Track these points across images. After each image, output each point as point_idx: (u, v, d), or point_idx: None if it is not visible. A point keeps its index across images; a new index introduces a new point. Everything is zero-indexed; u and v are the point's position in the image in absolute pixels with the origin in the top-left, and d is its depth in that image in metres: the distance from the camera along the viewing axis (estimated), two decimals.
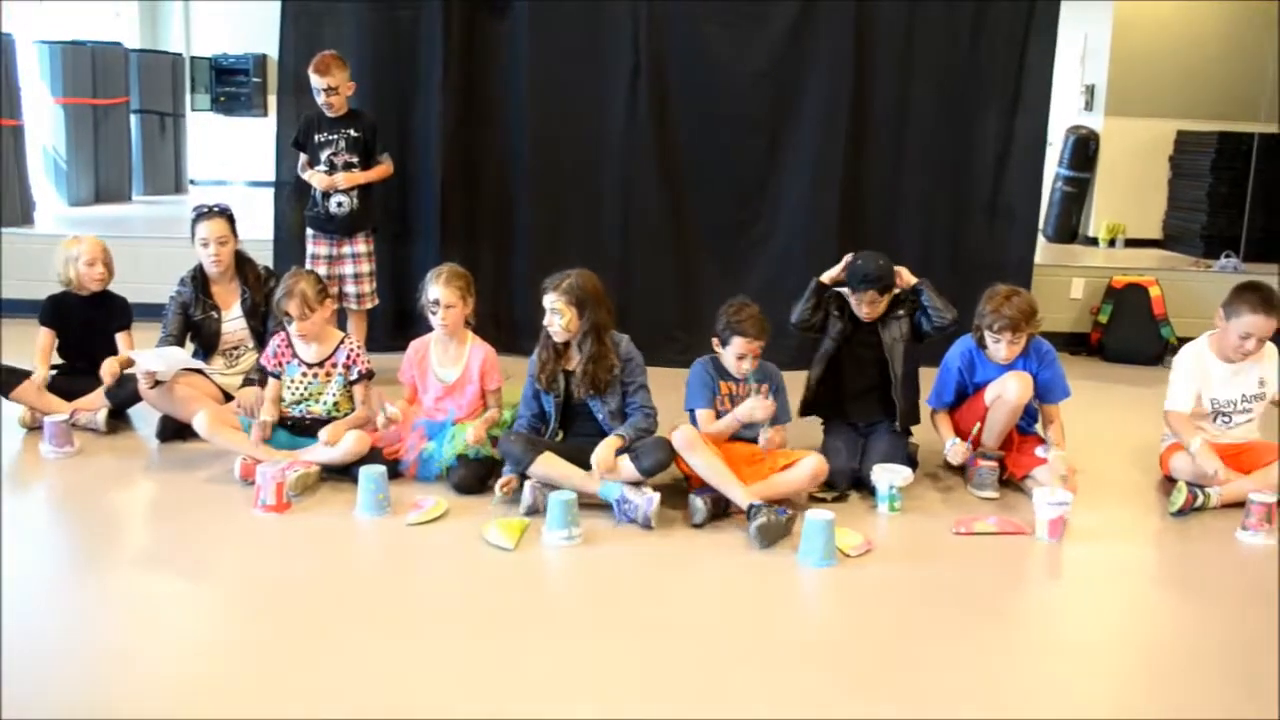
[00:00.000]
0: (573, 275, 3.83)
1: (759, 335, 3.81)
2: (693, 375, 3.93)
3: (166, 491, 3.90)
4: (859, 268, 4.10)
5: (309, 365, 4.11)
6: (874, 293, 4.09)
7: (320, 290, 4.07)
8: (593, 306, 3.80)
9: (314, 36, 5.52)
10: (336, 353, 4.12)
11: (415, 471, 3.97)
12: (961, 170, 5.91)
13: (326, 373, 4.11)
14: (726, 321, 3.83)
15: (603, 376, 3.82)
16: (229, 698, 2.52)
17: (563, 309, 3.78)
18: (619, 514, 3.64)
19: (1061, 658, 2.89)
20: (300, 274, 4.10)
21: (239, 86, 10.99)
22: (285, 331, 4.11)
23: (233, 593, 3.12)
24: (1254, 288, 4.04)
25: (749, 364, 3.84)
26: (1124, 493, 4.17)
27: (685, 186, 5.88)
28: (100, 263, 4.53)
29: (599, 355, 3.82)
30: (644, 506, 3.59)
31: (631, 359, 3.89)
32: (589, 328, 3.81)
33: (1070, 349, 6.43)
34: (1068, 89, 8.03)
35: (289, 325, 4.04)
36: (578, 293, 3.79)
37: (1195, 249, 7.60)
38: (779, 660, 2.80)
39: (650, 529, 3.56)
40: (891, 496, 3.82)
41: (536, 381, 3.93)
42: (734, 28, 5.72)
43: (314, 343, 4.10)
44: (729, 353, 3.85)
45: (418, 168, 5.76)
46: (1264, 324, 3.96)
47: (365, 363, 4.14)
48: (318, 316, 4.04)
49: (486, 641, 2.83)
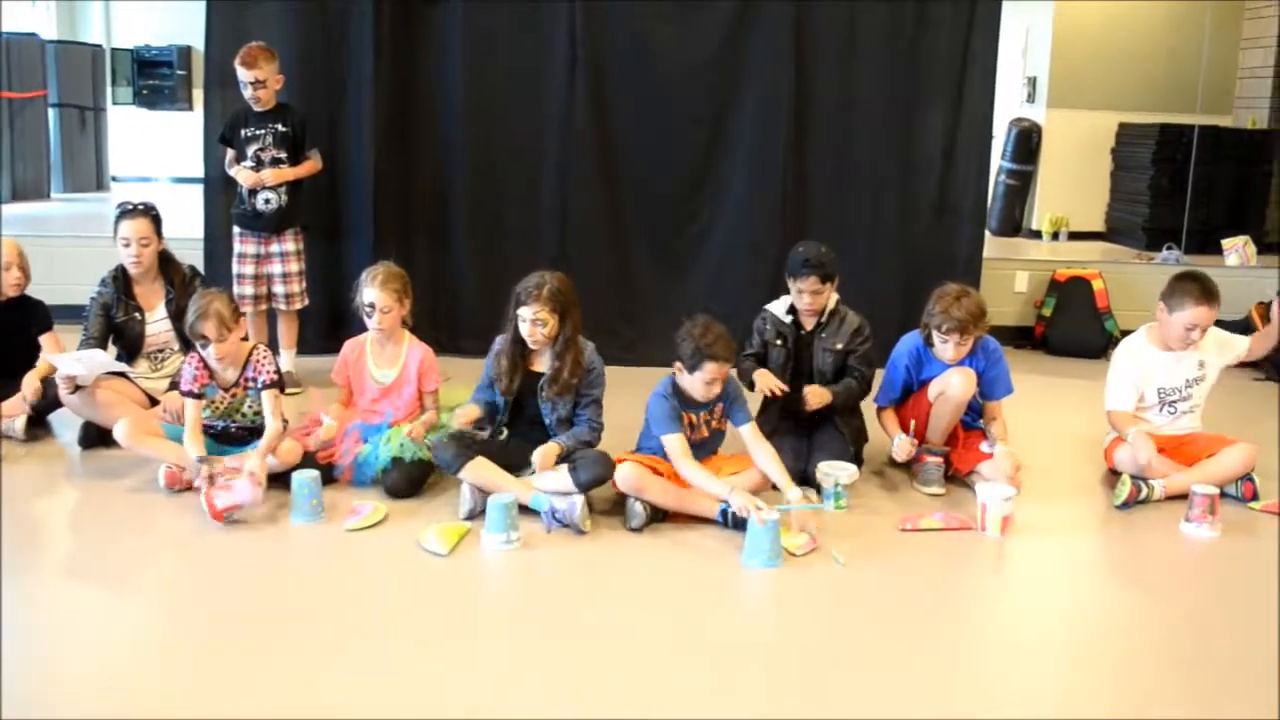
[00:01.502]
0: (549, 280, 3.72)
1: (729, 357, 3.64)
2: (654, 407, 3.70)
3: (89, 500, 3.79)
4: (800, 254, 4.06)
5: (227, 388, 3.94)
6: (815, 279, 4.02)
7: (234, 310, 3.87)
8: (572, 311, 3.72)
9: (241, 27, 5.38)
10: (246, 367, 3.94)
11: (350, 476, 3.87)
12: (907, 164, 5.88)
13: (244, 388, 3.95)
14: (695, 346, 3.57)
15: (573, 382, 3.74)
16: (156, 709, 2.47)
17: (546, 318, 3.69)
18: (548, 521, 3.54)
19: (1008, 653, 2.89)
20: (213, 294, 3.88)
21: (162, 79, 10.72)
22: (199, 354, 3.89)
23: (160, 603, 3.04)
24: (1193, 278, 4.06)
25: (718, 388, 3.68)
26: (1068, 487, 4.17)
27: (625, 179, 5.83)
28: (15, 267, 4.35)
29: (573, 361, 3.73)
30: (570, 511, 3.51)
31: (594, 368, 3.81)
32: (570, 333, 3.73)
33: (1014, 343, 6.45)
34: (1010, 81, 8.06)
35: (204, 349, 3.84)
36: (560, 299, 3.70)
37: (1138, 241, 7.67)
38: (726, 661, 2.77)
39: (583, 534, 3.50)
40: (837, 494, 3.78)
41: (497, 385, 3.83)
42: (673, 19, 5.68)
43: (231, 365, 3.91)
44: (697, 379, 3.61)
45: (349, 163, 5.65)
46: (1207, 314, 4.00)
47: (270, 372, 3.92)
48: (234, 336, 3.85)
49: (424, 648, 2.78)
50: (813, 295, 4.06)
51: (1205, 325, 4.02)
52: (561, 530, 3.53)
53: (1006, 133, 8.22)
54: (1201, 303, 3.97)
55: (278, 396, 3.90)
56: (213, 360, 3.86)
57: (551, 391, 3.76)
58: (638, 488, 3.56)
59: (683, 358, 3.62)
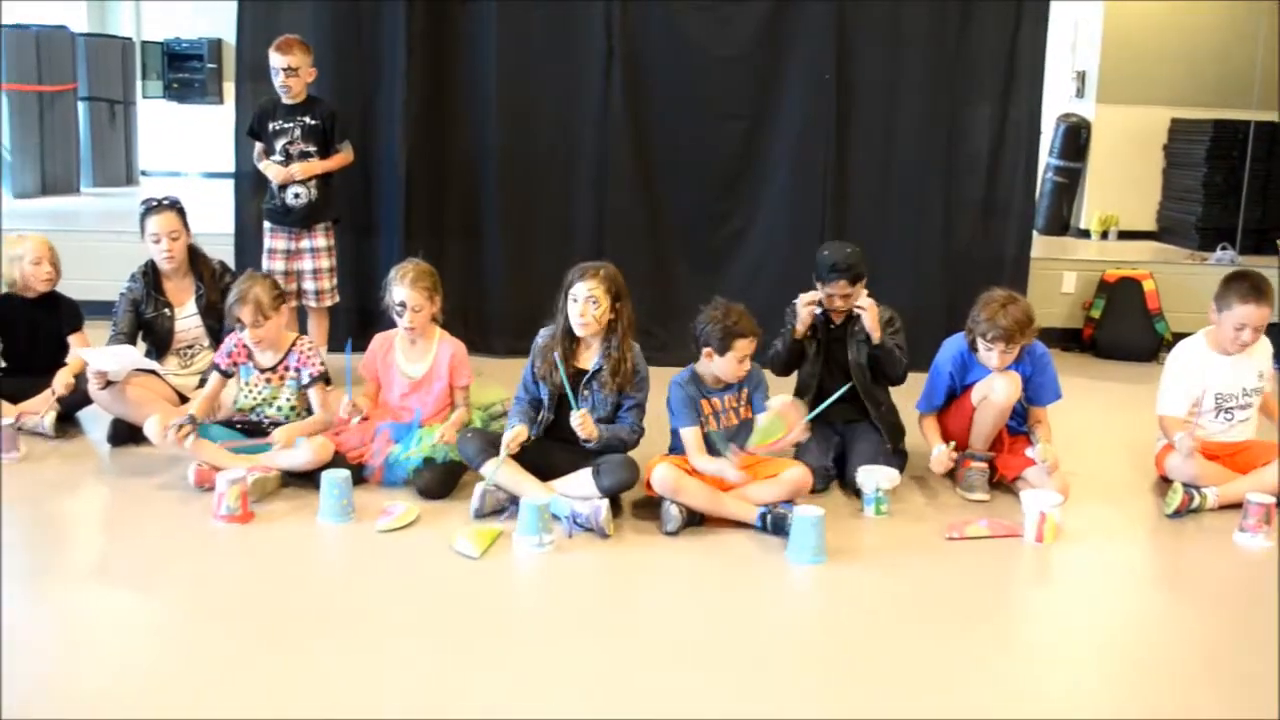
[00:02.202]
0: (604, 265, 3.67)
1: (755, 331, 3.63)
2: (672, 394, 3.68)
3: (118, 497, 3.78)
4: (826, 257, 3.98)
5: (263, 370, 3.96)
6: (844, 282, 3.94)
7: (276, 296, 3.90)
8: (625, 300, 3.66)
9: (272, 21, 5.37)
10: (289, 355, 3.97)
11: (381, 476, 3.83)
12: (952, 162, 5.75)
13: (280, 377, 3.97)
14: (723, 328, 3.57)
15: (625, 376, 3.66)
16: (184, 708, 2.45)
17: (601, 296, 3.60)
18: (569, 526, 3.48)
19: (1053, 662, 2.84)
20: (255, 278, 3.94)
21: (193, 73, 10.79)
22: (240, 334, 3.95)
23: (190, 603, 3.00)
24: (1242, 277, 3.98)
25: (748, 365, 3.66)
26: (1118, 493, 4.09)
27: (660, 176, 5.76)
28: (46, 262, 4.36)
29: (625, 353, 3.66)
30: (593, 515, 3.45)
31: (639, 371, 3.72)
32: (624, 325, 3.66)
33: (1062, 345, 6.35)
34: (1058, 76, 7.89)
35: (241, 332, 3.88)
36: (616, 282, 3.64)
37: (1190, 241, 7.49)
38: (766, 663, 2.75)
39: (606, 537, 3.44)
40: (878, 499, 3.72)
41: (541, 381, 3.74)
42: (711, 11, 5.60)
43: (270, 349, 3.95)
44: (730, 359, 3.60)
45: (381, 159, 5.63)
46: (1256, 313, 3.90)
47: (318, 365, 3.97)
48: (272, 324, 3.88)
49: (455, 649, 2.76)
50: (843, 299, 3.99)
51: (1256, 325, 3.91)
52: (585, 534, 3.47)
53: (1054, 129, 8.06)
54: (1249, 300, 3.87)
55: (325, 390, 3.95)
56: (250, 342, 3.89)
57: (607, 386, 3.64)
58: (674, 490, 3.50)
59: (711, 342, 3.61)
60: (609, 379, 3.65)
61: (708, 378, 3.70)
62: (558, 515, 3.49)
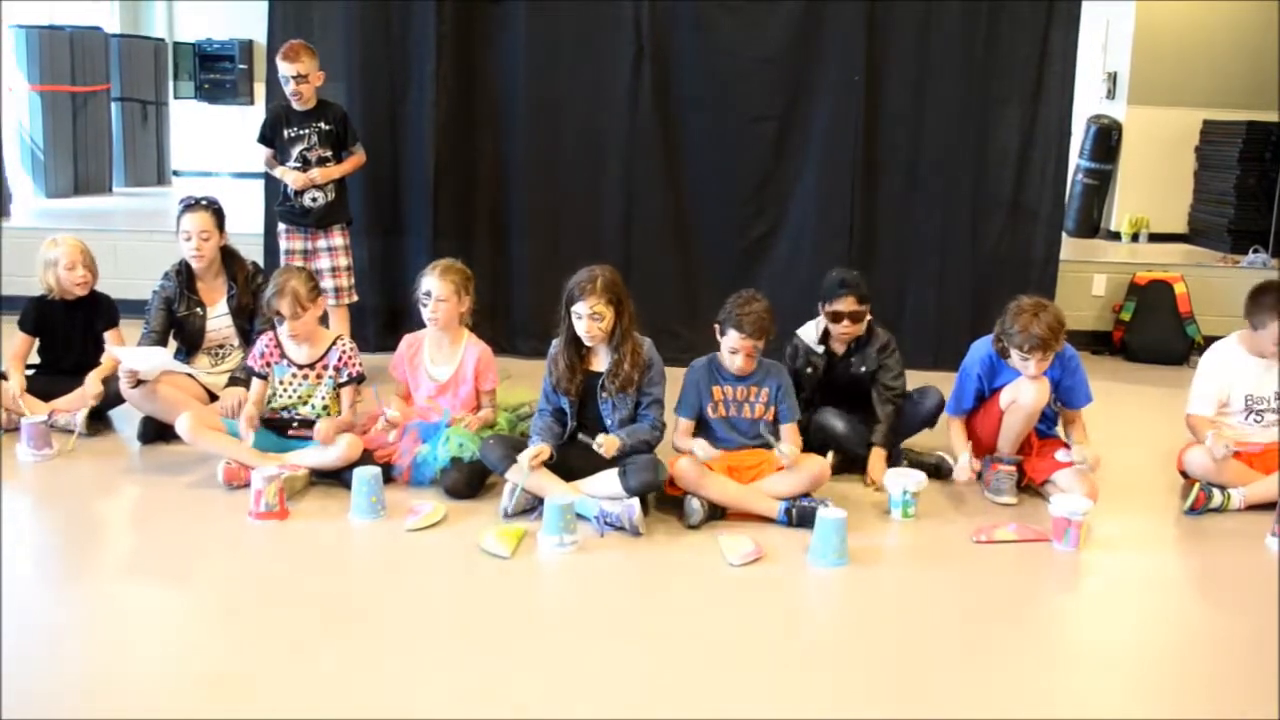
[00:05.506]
0: (600, 273, 3.66)
1: (756, 335, 3.65)
2: (688, 377, 3.78)
3: (149, 496, 3.80)
4: (834, 277, 4.03)
5: (299, 366, 3.97)
6: (853, 298, 3.97)
7: (313, 288, 3.92)
8: (625, 302, 3.67)
9: (303, 22, 5.41)
10: (329, 354, 3.98)
11: (409, 476, 3.84)
12: (981, 163, 5.72)
13: (318, 375, 3.97)
14: (730, 311, 3.69)
15: (634, 376, 3.67)
16: (213, 705, 2.46)
17: (603, 310, 3.61)
18: (599, 527, 3.48)
19: (1082, 667, 2.81)
20: (292, 271, 3.98)
21: (224, 74, 10.87)
22: (274, 331, 3.96)
23: (218, 599, 3.02)
24: (1271, 289, 3.94)
25: (741, 361, 3.68)
26: (1148, 498, 4.05)
27: (689, 177, 5.75)
28: (81, 265, 4.36)
29: (632, 353, 3.67)
30: (626, 515, 3.46)
31: (653, 364, 3.73)
32: (626, 325, 3.67)
33: (1092, 348, 6.29)
34: (1089, 77, 7.83)
35: (280, 325, 3.89)
36: (614, 290, 3.64)
37: (1222, 244, 7.43)
38: (788, 663, 2.75)
39: (639, 535, 3.45)
40: (905, 502, 3.71)
41: (557, 390, 3.75)
42: (741, 12, 5.58)
43: (305, 344, 3.96)
44: (723, 344, 3.72)
45: (409, 160, 5.65)
46: None
47: (358, 365, 3.99)
48: (310, 316, 3.89)
49: (481, 647, 2.77)
50: (851, 319, 4.00)
51: None
52: (615, 532, 3.48)
53: (1085, 130, 8.03)
54: None
55: (358, 391, 3.96)
56: (285, 337, 3.90)
57: (614, 387, 3.67)
58: (696, 484, 3.54)
59: (719, 318, 3.72)
60: (621, 375, 3.66)
61: (727, 364, 3.73)
62: (584, 515, 3.49)
